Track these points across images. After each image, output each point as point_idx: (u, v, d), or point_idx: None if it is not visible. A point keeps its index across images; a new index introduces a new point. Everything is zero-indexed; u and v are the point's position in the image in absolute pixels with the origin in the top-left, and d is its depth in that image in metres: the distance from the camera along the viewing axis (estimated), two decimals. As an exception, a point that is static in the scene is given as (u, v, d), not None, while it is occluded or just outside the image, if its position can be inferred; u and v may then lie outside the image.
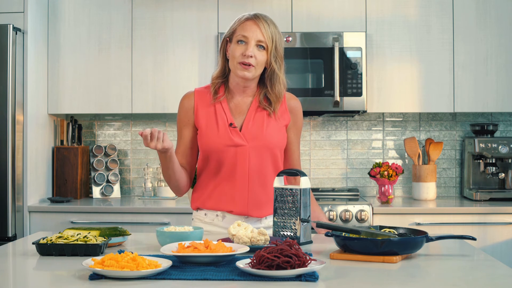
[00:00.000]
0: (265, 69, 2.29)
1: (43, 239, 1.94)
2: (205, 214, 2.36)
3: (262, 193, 2.29)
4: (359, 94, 3.62)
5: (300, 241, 2.06)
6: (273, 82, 2.29)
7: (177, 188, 2.35)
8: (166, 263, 1.66)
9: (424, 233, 1.94)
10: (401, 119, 4.07)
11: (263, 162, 2.29)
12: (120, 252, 1.71)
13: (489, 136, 3.83)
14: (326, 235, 1.94)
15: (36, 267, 1.81)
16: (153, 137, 2.10)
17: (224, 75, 2.34)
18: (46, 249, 1.89)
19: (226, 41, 2.31)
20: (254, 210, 2.29)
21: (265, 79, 2.30)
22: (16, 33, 3.43)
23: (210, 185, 2.32)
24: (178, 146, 2.36)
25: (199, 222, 2.37)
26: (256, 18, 2.25)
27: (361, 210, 3.42)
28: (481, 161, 3.82)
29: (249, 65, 2.22)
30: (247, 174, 2.27)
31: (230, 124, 2.28)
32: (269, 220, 2.34)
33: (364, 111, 3.65)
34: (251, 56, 2.21)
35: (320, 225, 2.05)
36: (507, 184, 3.80)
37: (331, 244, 2.01)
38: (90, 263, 1.65)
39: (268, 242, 1.96)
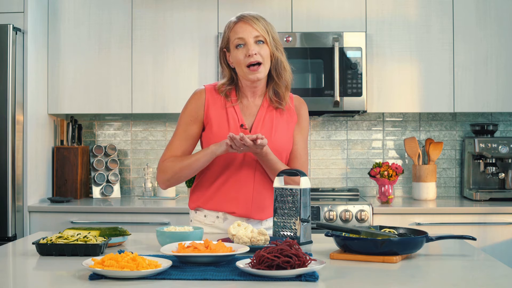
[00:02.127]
0: None
1: (43, 239, 1.94)
2: (205, 216, 2.34)
3: (266, 196, 2.28)
4: (359, 94, 3.62)
5: (300, 241, 2.06)
6: (278, 71, 2.29)
7: (179, 180, 2.29)
8: (166, 263, 1.66)
9: (424, 233, 1.94)
10: (401, 119, 4.07)
11: None
12: (120, 252, 1.71)
13: (489, 136, 3.83)
14: (326, 235, 1.94)
15: (36, 267, 1.80)
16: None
17: (232, 83, 2.33)
18: (46, 249, 1.89)
19: (224, 52, 2.31)
20: (257, 212, 2.29)
21: (271, 72, 2.29)
22: (16, 33, 3.43)
23: (214, 185, 2.30)
24: (179, 139, 2.30)
25: (198, 224, 2.35)
26: (243, 18, 2.26)
27: (361, 210, 3.42)
28: (481, 161, 3.82)
29: (258, 64, 2.22)
30: (253, 175, 2.27)
31: (241, 125, 2.27)
32: (269, 222, 2.34)
33: (364, 111, 3.65)
34: (256, 54, 2.21)
35: (320, 225, 2.05)
36: (507, 184, 3.80)
37: (331, 244, 2.01)
38: (90, 263, 1.65)
39: (268, 242, 1.96)
